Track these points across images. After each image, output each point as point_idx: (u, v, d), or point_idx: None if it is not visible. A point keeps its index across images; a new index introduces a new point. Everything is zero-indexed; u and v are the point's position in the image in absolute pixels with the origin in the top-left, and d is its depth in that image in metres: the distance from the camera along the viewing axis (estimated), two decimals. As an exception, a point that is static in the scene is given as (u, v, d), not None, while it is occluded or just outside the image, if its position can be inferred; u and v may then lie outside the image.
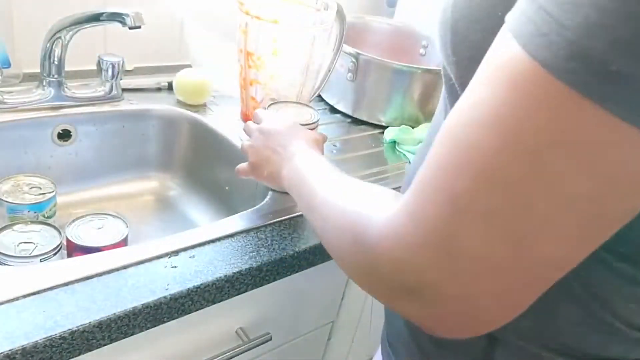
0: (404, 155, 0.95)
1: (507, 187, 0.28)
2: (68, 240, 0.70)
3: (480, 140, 0.29)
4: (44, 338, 0.47)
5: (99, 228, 0.73)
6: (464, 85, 0.37)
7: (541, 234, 0.28)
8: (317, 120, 0.73)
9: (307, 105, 0.76)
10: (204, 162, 0.95)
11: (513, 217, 0.28)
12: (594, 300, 0.36)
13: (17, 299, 0.51)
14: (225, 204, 0.91)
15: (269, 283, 0.65)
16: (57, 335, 0.48)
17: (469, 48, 0.36)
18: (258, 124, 0.67)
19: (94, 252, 0.62)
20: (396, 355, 0.53)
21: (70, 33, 0.80)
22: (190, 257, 0.61)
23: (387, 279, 0.34)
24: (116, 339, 0.53)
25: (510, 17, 0.29)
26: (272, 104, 0.75)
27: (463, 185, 0.29)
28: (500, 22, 0.31)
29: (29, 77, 0.89)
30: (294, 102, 0.77)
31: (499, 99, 0.28)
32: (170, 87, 0.98)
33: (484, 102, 0.29)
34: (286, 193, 0.59)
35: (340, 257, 0.40)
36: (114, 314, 0.51)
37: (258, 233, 0.67)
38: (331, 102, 1.08)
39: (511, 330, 0.39)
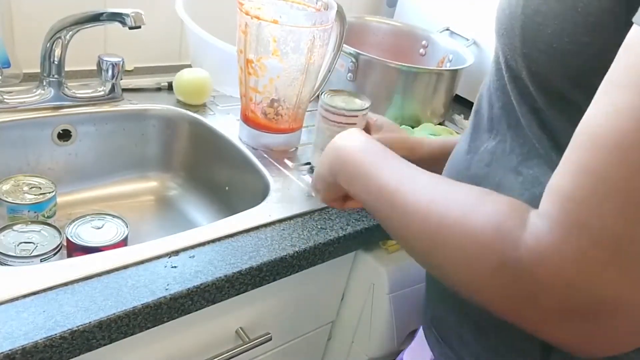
0: (404, 155, 0.94)
1: None
2: (68, 240, 0.70)
3: None
4: (44, 338, 0.47)
5: (99, 228, 0.73)
6: (534, 75, 0.39)
7: None
8: (368, 107, 0.74)
9: (358, 95, 0.77)
10: (204, 162, 0.95)
11: None
12: None
13: (17, 299, 0.51)
14: (225, 204, 0.91)
15: (269, 283, 0.65)
16: (57, 335, 0.48)
17: (543, 41, 0.38)
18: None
19: (94, 252, 0.62)
20: (444, 339, 0.53)
21: (70, 33, 0.80)
22: (190, 257, 0.61)
23: (549, 301, 0.32)
24: (116, 339, 0.53)
25: None
26: (325, 92, 0.75)
27: (637, 189, 0.28)
28: (579, 17, 0.33)
29: (29, 77, 0.89)
30: (345, 92, 0.77)
31: None
32: (170, 87, 0.98)
33: (632, 110, 0.29)
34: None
35: (472, 280, 0.36)
36: (114, 314, 0.51)
37: (258, 233, 0.67)
38: (331, 102, 1.08)
39: None
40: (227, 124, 0.92)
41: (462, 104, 1.19)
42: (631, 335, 0.32)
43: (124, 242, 0.73)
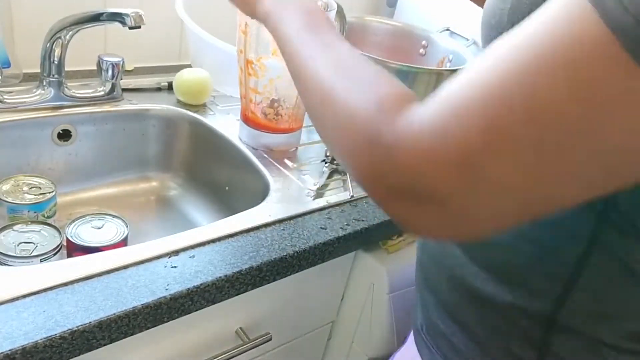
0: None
1: (548, 125, 0.29)
2: (68, 240, 0.70)
3: (533, 76, 0.29)
4: (44, 338, 0.47)
5: (99, 228, 0.73)
6: None
7: (564, 173, 0.30)
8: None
9: None
10: (204, 162, 0.95)
11: (545, 154, 0.30)
12: None
13: (17, 299, 0.51)
14: (225, 204, 0.91)
15: (269, 283, 0.65)
16: (57, 335, 0.48)
17: None
18: None
19: (94, 252, 0.62)
20: (435, 346, 0.53)
21: (70, 33, 0.80)
22: (190, 257, 0.61)
23: (397, 182, 0.35)
24: (116, 339, 0.53)
25: None
26: None
27: (505, 115, 0.30)
28: None
29: (29, 77, 0.89)
30: None
31: (560, 46, 0.29)
32: (170, 87, 0.98)
33: (542, 44, 0.30)
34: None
35: (344, 147, 0.39)
36: (114, 314, 0.51)
37: (258, 233, 0.67)
38: (331, 102, 1.08)
39: (578, 316, 0.41)
40: (227, 124, 0.92)
41: (462, 104, 1.19)
42: (452, 228, 0.35)
43: (124, 242, 0.72)
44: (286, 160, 0.85)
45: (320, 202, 0.76)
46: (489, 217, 0.33)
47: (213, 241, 0.64)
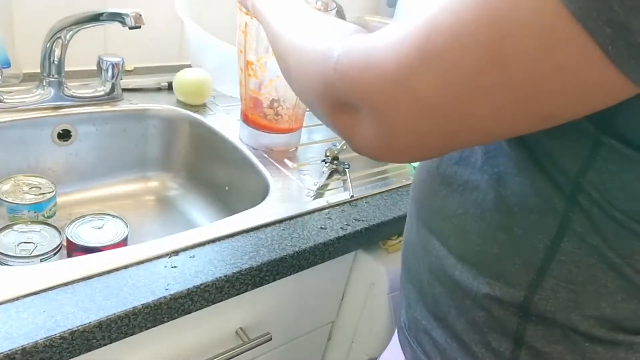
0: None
1: (474, 54, 0.31)
2: (68, 240, 0.70)
3: (461, 2, 0.31)
4: (44, 338, 0.47)
5: (99, 228, 0.73)
6: None
7: (476, 98, 0.32)
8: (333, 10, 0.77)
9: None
10: (204, 162, 0.95)
11: (468, 80, 0.32)
12: (630, 267, 0.38)
13: (17, 299, 0.51)
14: (225, 204, 0.91)
15: (269, 283, 0.65)
16: (57, 335, 0.48)
17: None
18: None
19: (94, 252, 0.62)
20: (417, 342, 0.53)
21: (70, 33, 0.80)
22: (190, 257, 0.61)
23: (340, 91, 0.38)
24: (116, 339, 0.53)
25: None
26: None
27: (435, 35, 0.32)
28: None
29: (29, 77, 0.89)
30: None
31: None
32: (170, 87, 0.98)
33: None
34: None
35: (306, 74, 0.43)
36: (114, 314, 0.51)
37: (258, 233, 0.67)
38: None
39: (550, 303, 0.41)
40: (227, 124, 0.92)
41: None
42: (380, 144, 0.38)
43: (124, 242, 0.73)
44: (286, 160, 0.85)
45: (320, 202, 0.76)
46: (412, 135, 0.35)
47: (213, 241, 0.64)
